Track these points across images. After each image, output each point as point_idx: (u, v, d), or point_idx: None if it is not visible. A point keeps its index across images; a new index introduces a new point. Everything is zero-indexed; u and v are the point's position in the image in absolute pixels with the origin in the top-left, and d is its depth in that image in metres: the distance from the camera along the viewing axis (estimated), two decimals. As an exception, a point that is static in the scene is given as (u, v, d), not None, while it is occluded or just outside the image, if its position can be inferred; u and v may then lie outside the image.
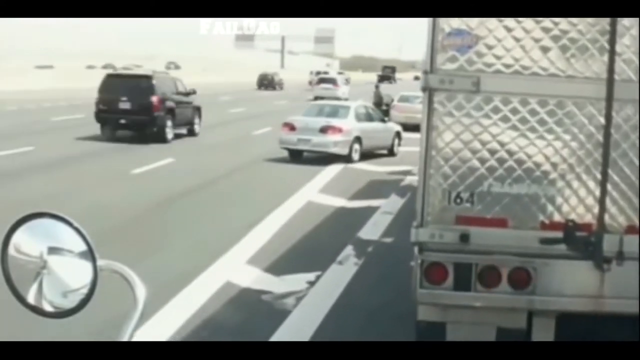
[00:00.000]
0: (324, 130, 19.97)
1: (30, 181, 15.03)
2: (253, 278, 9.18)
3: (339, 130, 20.02)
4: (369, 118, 21.74)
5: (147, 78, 23.02)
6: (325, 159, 20.16)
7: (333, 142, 19.92)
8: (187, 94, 25.00)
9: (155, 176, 16.64)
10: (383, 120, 22.60)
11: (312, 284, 9.01)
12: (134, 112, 22.33)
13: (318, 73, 67.19)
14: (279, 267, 9.64)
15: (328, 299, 8.36)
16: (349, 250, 10.67)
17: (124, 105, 22.37)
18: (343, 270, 9.71)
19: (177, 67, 35.49)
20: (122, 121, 22.64)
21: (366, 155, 20.75)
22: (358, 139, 20.42)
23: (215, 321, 7.57)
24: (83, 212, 10.66)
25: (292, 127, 20.24)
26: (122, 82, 23.19)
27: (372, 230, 12.03)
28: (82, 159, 18.63)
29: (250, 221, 12.13)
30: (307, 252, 10.68)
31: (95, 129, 22.83)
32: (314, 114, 21.22)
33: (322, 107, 22.13)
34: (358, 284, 9.10)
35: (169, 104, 23.06)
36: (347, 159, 20.04)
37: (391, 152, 22.33)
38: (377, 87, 29.83)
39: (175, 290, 8.21)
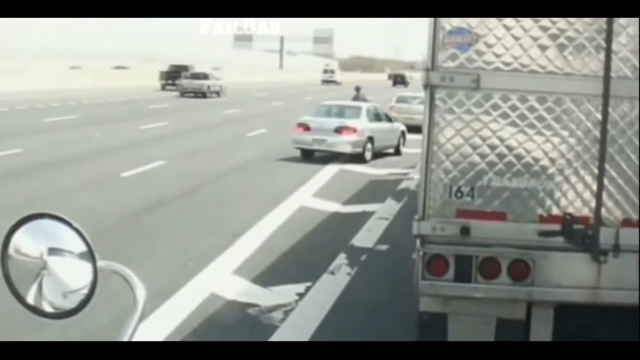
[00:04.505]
0: (338, 130, 20.44)
1: (16, 184, 14.76)
2: (239, 289, 8.79)
3: (354, 130, 20.50)
4: (378, 118, 22.20)
5: None
6: (322, 160, 20.25)
7: (348, 142, 20.37)
8: None
9: (144, 179, 16.30)
10: (390, 120, 22.99)
11: (301, 296, 8.65)
12: None
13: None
14: (267, 278, 9.25)
15: (318, 313, 8.02)
16: (341, 259, 10.31)
17: None
18: (335, 280, 9.36)
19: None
20: None
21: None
22: (370, 139, 20.92)
23: (197, 337, 7.18)
24: (68, 216, 10.52)
25: (306, 128, 20.68)
26: None
27: (366, 237, 11.68)
28: (72, 161, 18.32)
29: (238, 228, 11.76)
30: (297, 261, 10.28)
31: (90, 130, 22.48)
32: (326, 115, 21.55)
33: (331, 108, 22.45)
34: (350, 296, 8.74)
35: None
36: (360, 158, 20.46)
37: (397, 152, 22.74)
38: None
39: (156, 303, 7.68)
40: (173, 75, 56.96)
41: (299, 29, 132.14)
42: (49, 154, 19.26)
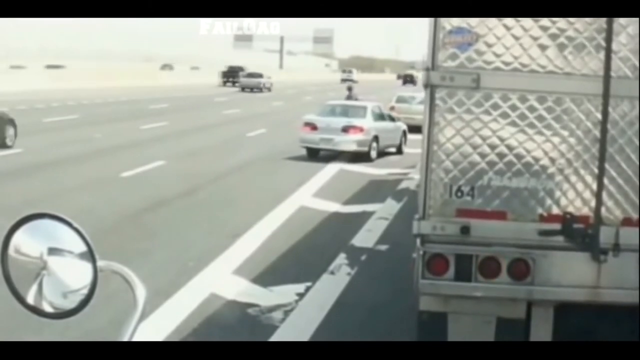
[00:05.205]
0: (345, 129, 20.81)
1: (16, 184, 14.74)
2: (239, 289, 8.80)
3: (360, 129, 20.87)
4: (382, 117, 22.48)
5: None
6: (322, 159, 20.34)
7: (355, 141, 20.72)
8: None
9: (144, 179, 16.29)
10: (392, 120, 23.22)
11: (301, 296, 8.64)
12: None
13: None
14: (267, 278, 9.24)
15: (318, 313, 8.02)
16: (341, 259, 10.30)
17: None
18: (335, 280, 9.35)
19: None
20: None
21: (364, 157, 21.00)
22: (376, 138, 21.25)
23: (197, 337, 7.19)
24: (68, 216, 10.50)
25: (313, 127, 21.00)
26: None
27: (366, 237, 11.68)
28: (72, 161, 18.29)
29: (238, 228, 11.76)
30: (297, 261, 10.29)
31: (90, 130, 22.39)
32: (332, 114, 21.83)
33: (336, 107, 22.73)
34: (350, 295, 8.73)
35: None
36: (366, 157, 20.74)
37: (399, 151, 22.94)
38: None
39: (156, 303, 7.65)
40: (229, 74, 71.84)
41: (299, 29, 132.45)
42: (49, 154, 19.26)
